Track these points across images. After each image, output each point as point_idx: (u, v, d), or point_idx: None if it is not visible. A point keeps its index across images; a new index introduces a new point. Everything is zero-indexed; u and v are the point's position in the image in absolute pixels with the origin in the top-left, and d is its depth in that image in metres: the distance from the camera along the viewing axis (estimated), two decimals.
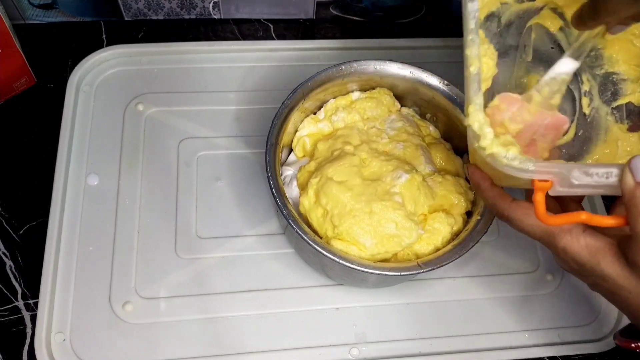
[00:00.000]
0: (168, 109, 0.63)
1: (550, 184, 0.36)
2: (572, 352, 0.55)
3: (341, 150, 0.53)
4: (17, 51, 0.60)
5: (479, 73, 0.39)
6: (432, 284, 0.57)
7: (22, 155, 0.61)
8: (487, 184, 0.42)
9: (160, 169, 0.60)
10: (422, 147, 0.55)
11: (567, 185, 0.36)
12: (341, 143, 0.53)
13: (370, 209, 0.49)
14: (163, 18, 0.71)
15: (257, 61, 0.67)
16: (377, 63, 0.55)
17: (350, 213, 0.49)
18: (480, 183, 0.42)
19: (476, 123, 0.38)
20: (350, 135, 0.54)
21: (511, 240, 0.60)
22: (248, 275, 0.56)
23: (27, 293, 0.54)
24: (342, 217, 0.49)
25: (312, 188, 0.51)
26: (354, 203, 0.49)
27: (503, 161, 0.36)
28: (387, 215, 0.49)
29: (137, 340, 0.52)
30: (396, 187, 0.50)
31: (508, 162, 0.36)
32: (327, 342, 0.53)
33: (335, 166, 0.51)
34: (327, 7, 0.71)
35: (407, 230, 0.49)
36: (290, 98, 0.53)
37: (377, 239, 0.49)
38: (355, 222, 0.49)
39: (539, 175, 0.36)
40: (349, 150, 0.52)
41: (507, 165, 0.36)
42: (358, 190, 0.50)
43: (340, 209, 0.49)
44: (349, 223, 0.49)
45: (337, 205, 0.49)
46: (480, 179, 0.42)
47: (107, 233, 0.56)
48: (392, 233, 0.49)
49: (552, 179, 0.36)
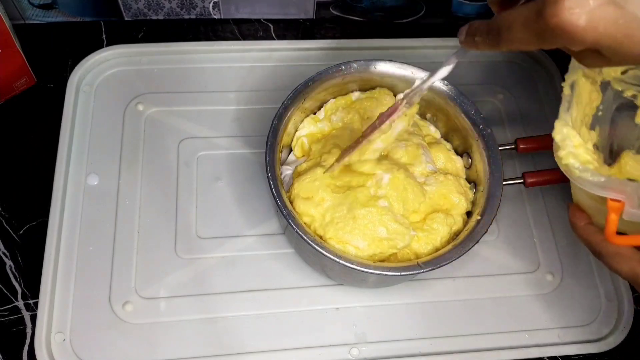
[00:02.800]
0: (168, 109, 0.63)
1: (622, 204, 0.37)
2: (572, 352, 0.55)
3: (316, 161, 0.53)
4: (17, 51, 0.60)
5: (571, 95, 0.42)
6: (432, 284, 0.57)
7: (22, 155, 0.61)
8: (583, 222, 0.43)
9: (160, 169, 0.60)
10: (423, 146, 0.55)
11: (637, 207, 0.37)
12: (330, 145, 0.53)
13: (353, 215, 0.49)
14: (163, 18, 0.71)
15: (257, 61, 0.67)
16: (377, 63, 0.55)
17: (332, 222, 0.49)
18: (577, 221, 0.44)
19: (559, 135, 0.41)
20: (341, 137, 0.54)
21: (511, 240, 0.60)
22: (248, 275, 0.56)
23: (27, 293, 0.54)
24: (325, 227, 0.49)
25: (291, 198, 0.51)
26: (333, 213, 0.49)
27: (575, 172, 0.39)
28: (374, 220, 0.49)
29: (137, 340, 0.52)
30: (381, 189, 0.50)
31: (580, 174, 0.38)
32: (327, 342, 0.53)
33: (300, 181, 0.51)
34: (327, 7, 0.71)
35: (399, 235, 0.49)
36: (290, 98, 0.53)
37: (369, 240, 0.49)
38: (341, 228, 0.49)
39: (610, 193, 0.37)
40: (324, 160, 0.52)
41: (579, 177, 0.38)
42: (336, 202, 0.49)
43: (320, 221, 0.49)
44: (334, 229, 0.49)
45: (314, 219, 0.49)
46: (578, 218, 0.44)
47: (107, 233, 0.56)
48: (384, 236, 0.49)
49: (624, 199, 0.37)
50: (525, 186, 0.54)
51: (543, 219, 0.61)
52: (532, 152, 0.63)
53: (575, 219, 0.44)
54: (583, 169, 0.38)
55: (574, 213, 0.44)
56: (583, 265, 0.59)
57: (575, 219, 0.44)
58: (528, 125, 0.66)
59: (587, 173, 0.38)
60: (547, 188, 0.62)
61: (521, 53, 0.71)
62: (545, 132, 0.65)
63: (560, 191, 0.63)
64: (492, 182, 0.52)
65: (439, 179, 0.53)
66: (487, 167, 0.53)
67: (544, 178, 0.54)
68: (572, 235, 0.60)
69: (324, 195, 0.50)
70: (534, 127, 0.66)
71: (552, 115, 0.67)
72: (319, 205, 0.50)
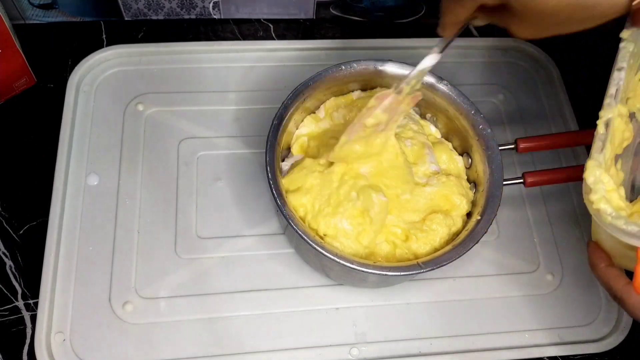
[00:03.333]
0: (168, 109, 0.63)
1: None
2: (572, 352, 0.55)
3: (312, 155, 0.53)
4: (17, 51, 0.60)
5: (605, 134, 0.40)
6: (432, 284, 0.57)
7: (22, 155, 0.61)
8: (604, 264, 0.41)
9: (160, 169, 0.60)
10: (427, 145, 0.55)
11: None
12: (328, 137, 0.54)
13: (331, 192, 0.50)
14: (163, 18, 0.71)
15: (257, 61, 0.67)
16: (377, 63, 0.55)
17: (320, 211, 0.49)
18: (597, 262, 0.41)
19: (592, 177, 0.38)
20: (340, 132, 0.54)
21: (511, 240, 0.60)
22: (248, 275, 0.56)
23: (27, 293, 0.54)
24: (316, 218, 0.50)
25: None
26: (321, 199, 0.50)
27: (607, 219, 0.36)
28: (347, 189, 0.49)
29: (137, 340, 0.52)
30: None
31: (612, 221, 0.36)
32: (327, 342, 0.53)
33: (287, 176, 0.52)
34: (327, 7, 0.71)
35: (368, 200, 0.49)
36: (290, 98, 0.53)
37: (350, 219, 0.49)
38: (327, 213, 0.49)
39: None
40: (321, 153, 0.53)
41: (611, 223, 0.36)
42: (321, 185, 0.50)
43: (312, 212, 0.50)
44: (323, 217, 0.49)
45: (307, 210, 0.50)
46: (598, 258, 0.41)
47: (107, 233, 0.56)
48: (359, 207, 0.49)
49: None
50: (525, 186, 0.54)
51: (543, 219, 0.61)
52: (532, 152, 0.63)
53: (596, 259, 0.42)
54: (616, 215, 0.36)
55: (595, 252, 0.42)
56: (583, 266, 0.59)
57: (596, 259, 0.42)
58: (528, 125, 0.66)
59: (621, 221, 0.36)
60: (547, 188, 0.62)
61: (521, 53, 0.71)
62: (545, 132, 0.66)
63: (560, 191, 0.63)
64: (492, 182, 0.52)
65: (441, 179, 0.53)
66: (487, 167, 0.53)
67: (544, 178, 0.54)
68: (572, 236, 0.61)
69: (312, 181, 0.50)
70: (534, 127, 0.66)
71: (552, 115, 0.68)
72: (308, 192, 0.50)
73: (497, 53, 0.71)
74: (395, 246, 0.51)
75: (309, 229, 0.49)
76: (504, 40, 0.72)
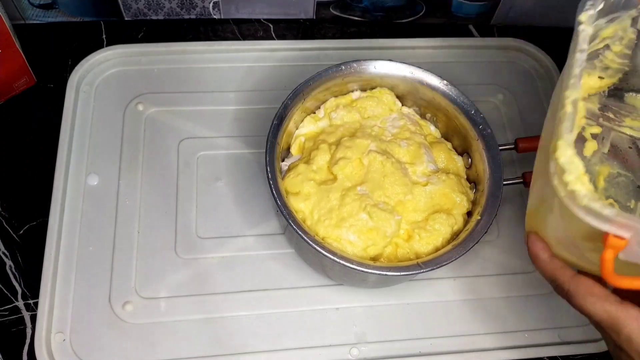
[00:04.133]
0: (168, 109, 0.63)
1: (626, 242, 0.31)
2: (572, 352, 0.55)
3: (306, 158, 0.53)
4: (17, 51, 0.60)
5: (573, 113, 0.36)
6: (432, 284, 0.57)
7: (22, 155, 0.61)
8: (546, 255, 0.39)
9: (160, 169, 0.60)
10: (424, 145, 0.55)
11: None
12: (319, 142, 0.54)
13: (333, 207, 0.49)
14: (163, 18, 0.71)
15: (257, 61, 0.67)
16: (377, 63, 0.55)
17: (320, 220, 0.49)
18: (539, 254, 0.39)
19: (563, 157, 0.35)
20: (333, 134, 0.54)
21: (511, 240, 0.60)
22: (248, 275, 0.56)
23: (27, 293, 0.54)
24: (316, 226, 0.49)
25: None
26: (320, 210, 0.50)
27: (583, 200, 0.32)
28: (354, 207, 0.49)
29: (137, 340, 0.52)
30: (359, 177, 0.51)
31: (587, 203, 0.32)
32: (327, 342, 0.53)
33: (287, 177, 0.52)
34: (327, 7, 0.71)
35: (383, 220, 0.49)
36: (290, 98, 0.53)
37: (357, 233, 0.49)
38: (328, 225, 0.49)
39: (616, 229, 0.32)
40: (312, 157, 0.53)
41: (586, 205, 0.32)
42: (320, 196, 0.50)
43: (310, 219, 0.50)
44: (324, 227, 0.49)
45: (305, 215, 0.50)
46: (540, 249, 0.39)
47: (107, 233, 0.56)
48: (371, 225, 0.49)
49: (630, 238, 0.31)
50: (525, 186, 0.54)
51: None
52: (532, 152, 0.62)
53: (538, 250, 0.39)
54: (592, 197, 0.32)
55: (535, 243, 0.39)
56: None
57: (537, 250, 0.39)
58: (528, 125, 0.66)
59: (597, 203, 0.32)
60: None
61: (521, 53, 0.71)
62: None
63: None
64: (492, 182, 0.52)
65: (441, 178, 0.53)
66: (487, 167, 0.53)
67: None
68: None
69: (309, 190, 0.50)
70: (534, 127, 0.66)
71: None
72: (306, 199, 0.50)
73: (497, 53, 0.71)
74: (397, 246, 0.51)
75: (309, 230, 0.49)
76: (504, 40, 0.72)
